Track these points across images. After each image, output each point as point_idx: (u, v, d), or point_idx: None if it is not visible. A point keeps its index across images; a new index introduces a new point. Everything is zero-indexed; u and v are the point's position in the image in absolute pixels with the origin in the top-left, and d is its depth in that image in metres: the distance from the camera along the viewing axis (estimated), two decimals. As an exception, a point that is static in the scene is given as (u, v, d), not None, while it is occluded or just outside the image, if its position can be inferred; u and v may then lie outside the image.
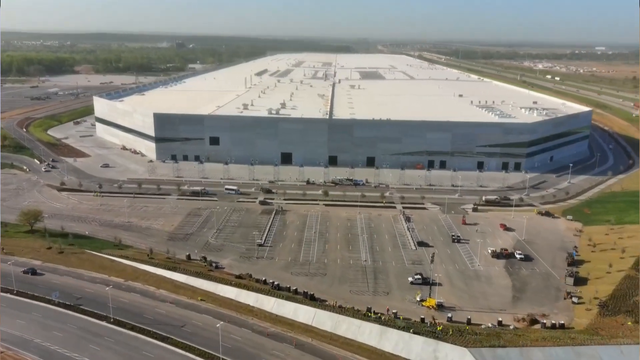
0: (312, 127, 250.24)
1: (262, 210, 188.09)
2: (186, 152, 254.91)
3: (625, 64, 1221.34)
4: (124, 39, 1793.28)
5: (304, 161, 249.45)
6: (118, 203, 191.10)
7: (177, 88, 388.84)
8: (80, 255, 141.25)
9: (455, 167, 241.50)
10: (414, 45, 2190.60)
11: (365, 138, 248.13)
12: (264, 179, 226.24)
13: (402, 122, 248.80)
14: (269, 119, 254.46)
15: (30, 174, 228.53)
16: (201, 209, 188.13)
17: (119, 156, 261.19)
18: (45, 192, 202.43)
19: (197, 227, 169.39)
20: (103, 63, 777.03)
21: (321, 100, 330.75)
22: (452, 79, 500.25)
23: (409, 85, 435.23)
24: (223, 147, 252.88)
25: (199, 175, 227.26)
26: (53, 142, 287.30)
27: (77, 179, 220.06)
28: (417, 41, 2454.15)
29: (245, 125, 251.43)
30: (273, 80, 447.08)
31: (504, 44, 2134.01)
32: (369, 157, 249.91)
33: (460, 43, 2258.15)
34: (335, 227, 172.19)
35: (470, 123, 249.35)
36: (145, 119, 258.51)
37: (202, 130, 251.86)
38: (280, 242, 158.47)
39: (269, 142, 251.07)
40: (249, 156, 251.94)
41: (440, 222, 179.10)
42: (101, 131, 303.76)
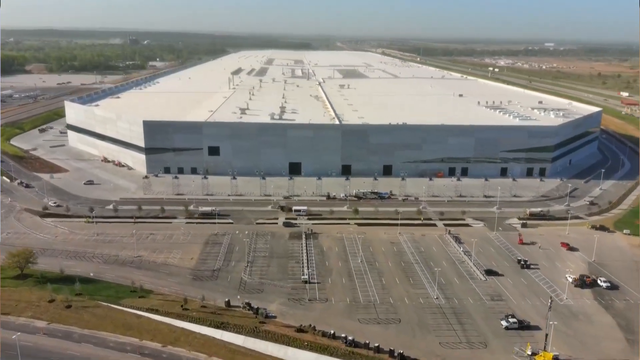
0: (324, 133, 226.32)
1: (290, 234, 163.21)
2: (181, 163, 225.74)
3: (580, 60, 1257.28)
4: (71, 36, 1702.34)
5: (315, 171, 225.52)
6: (117, 231, 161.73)
7: (152, 89, 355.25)
8: (95, 310, 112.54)
9: (477, 174, 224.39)
10: (372, 42, 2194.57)
11: (382, 145, 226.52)
12: (277, 193, 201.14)
13: (421, 127, 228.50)
14: (275, 126, 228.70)
15: (2, 195, 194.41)
16: (219, 234, 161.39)
17: (102, 170, 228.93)
18: (25, 220, 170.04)
19: (223, 260, 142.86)
20: (57, 61, 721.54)
21: (318, 103, 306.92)
22: (437, 77, 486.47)
23: (399, 85, 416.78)
24: (224, 158, 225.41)
25: (203, 191, 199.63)
26: (20, 154, 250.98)
27: (60, 201, 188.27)
28: (374, 38, 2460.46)
29: (248, 133, 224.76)
30: (254, 80, 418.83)
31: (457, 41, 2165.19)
32: (385, 166, 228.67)
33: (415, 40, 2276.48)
34: (381, 253, 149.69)
35: (494, 127, 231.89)
36: (132, 127, 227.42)
37: (199, 139, 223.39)
38: (328, 277, 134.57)
39: (275, 151, 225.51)
40: (253, 167, 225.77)
41: (493, 241, 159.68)
42: (75, 140, 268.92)
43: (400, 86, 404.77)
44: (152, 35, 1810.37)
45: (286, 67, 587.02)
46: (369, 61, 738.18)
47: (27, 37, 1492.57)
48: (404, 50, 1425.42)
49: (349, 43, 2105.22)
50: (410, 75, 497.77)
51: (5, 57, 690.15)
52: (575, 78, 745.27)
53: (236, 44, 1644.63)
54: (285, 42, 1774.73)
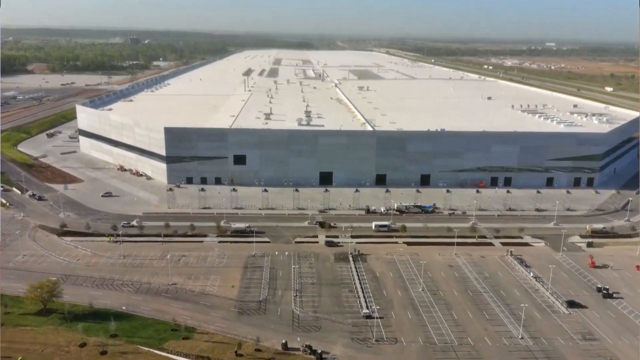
0: (357, 141, 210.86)
1: (335, 256, 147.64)
2: (205, 173, 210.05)
3: (585, 60, 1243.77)
4: (70, 35, 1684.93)
5: (347, 181, 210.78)
6: (145, 252, 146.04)
7: (164, 92, 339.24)
8: (135, 358, 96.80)
9: (521, 185, 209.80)
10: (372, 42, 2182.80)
11: (419, 153, 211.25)
12: (311, 207, 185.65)
13: (462, 134, 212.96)
14: (305, 133, 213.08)
15: (13, 209, 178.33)
16: (257, 256, 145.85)
17: (120, 180, 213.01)
18: (41, 239, 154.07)
19: (268, 288, 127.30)
20: (59, 61, 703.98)
21: (341, 106, 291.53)
22: (455, 78, 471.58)
23: (419, 86, 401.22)
24: (250, 167, 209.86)
25: (231, 204, 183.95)
26: (30, 162, 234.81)
27: (78, 216, 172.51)
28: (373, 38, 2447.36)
29: (276, 141, 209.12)
30: (268, 82, 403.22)
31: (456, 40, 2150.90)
32: (423, 175, 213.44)
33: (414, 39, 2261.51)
34: (442, 279, 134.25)
35: (540, 134, 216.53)
36: (151, 133, 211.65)
37: (224, 147, 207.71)
38: (390, 309, 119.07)
39: (305, 159, 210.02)
40: (281, 177, 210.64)
41: (562, 264, 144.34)
42: (87, 147, 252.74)
43: (420, 88, 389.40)
44: (151, 34, 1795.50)
45: (296, 68, 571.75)
46: (378, 61, 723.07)
47: (25, 36, 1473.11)
48: (406, 50, 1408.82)
49: (350, 42, 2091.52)
50: (427, 77, 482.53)
51: (6, 56, 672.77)
52: (588, 79, 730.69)
53: (236, 43, 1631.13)
54: (286, 42, 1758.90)
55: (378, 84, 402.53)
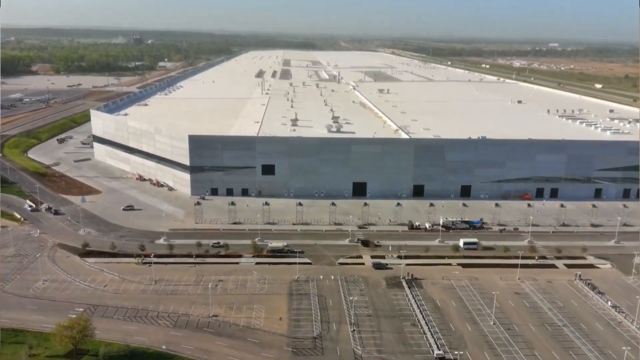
0: (393, 149, 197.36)
1: (386, 280, 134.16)
2: (231, 184, 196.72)
3: (592, 61, 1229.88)
4: (71, 35, 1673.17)
5: (382, 192, 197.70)
6: (178, 276, 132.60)
7: (178, 95, 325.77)
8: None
9: (568, 196, 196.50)
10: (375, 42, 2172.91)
11: (460, 162, 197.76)
12: (347, 221, 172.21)
13: (505, 142, 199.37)
14: (338, 141, 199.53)
15: (29, 225, 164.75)
16: (300, 281, 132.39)
17: (140, 191, 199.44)
18: (62, 261, 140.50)
19: (320, 322, 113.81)
20: (64, 62, 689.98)
21: (366, 110, 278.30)
22: (474, 80, 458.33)
23: (441, 89, 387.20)
24: (279, 178, 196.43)
25: (263, 219, 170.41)
26: (42, 170, 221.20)
27: (100, 233, 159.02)
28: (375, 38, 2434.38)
29: (307, 149, 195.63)
30: (283, 84, 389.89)
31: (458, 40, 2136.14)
32: (463, 186, 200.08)
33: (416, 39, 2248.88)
34: (513, 310, 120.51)
35: (588, 142, 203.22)
36: (174, 142, 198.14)
37: (252, 156, 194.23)
38: (463, 348, 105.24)
39: (338, 169, 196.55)
40: (312, 188, 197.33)
41: (638, 291, 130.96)
42: (102, 154, 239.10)
43: (442, 90, 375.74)
44: (153, 34, 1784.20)
45: (307, 69, 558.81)
46: (388, 62, 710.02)
47: (27, 36, 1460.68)
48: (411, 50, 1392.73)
49: (352, 43, 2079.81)
50: (444, 78, 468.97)
51: (9, 57, 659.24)
52: (601, 80, 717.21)
53: (238, 43, 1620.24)
54: (288, 42, 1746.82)
55: (396, 86, 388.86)
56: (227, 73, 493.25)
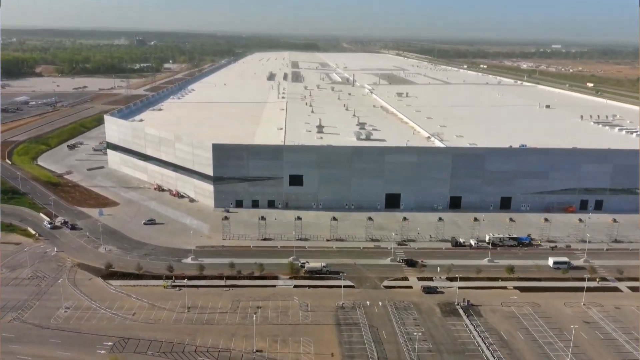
0: (430, 158, 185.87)
1: (440, 307, 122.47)
2: (256, 195, 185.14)
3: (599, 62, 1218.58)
4: (73, 36, 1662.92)
5: (417, 204, 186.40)
6: (212, 302, 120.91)
7: (191, 99, 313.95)
8: None
9: (613, 209, 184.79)
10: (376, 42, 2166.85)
11: (500, 172, 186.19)
12: (385, 237, 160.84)
13: (548, 151, 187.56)
14: (371, 150, 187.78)
15: (44, 242, 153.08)
16: (346, 308, 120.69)
17: (159, 203, 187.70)
18: (84, 284, 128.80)
19: (377, 358, 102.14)
20: (68, 63, 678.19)
21: (389, 115, 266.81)
22: (492, 83, 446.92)
23: (460, 92, 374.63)
24: (307, 189, 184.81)
25: (294, 234, 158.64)
26: (54, 179, 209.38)
27: (122, 251, 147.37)
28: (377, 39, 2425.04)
29: (338, 159, 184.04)
30: (297, 87, 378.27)
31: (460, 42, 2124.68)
32: (503, 198, 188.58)
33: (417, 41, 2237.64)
34: (588, 343, 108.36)
35: (635, 151, 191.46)
36: (196, 150, 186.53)
37: (279, 166, 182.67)
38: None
39: (370, 180, 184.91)
40: (342, 200, 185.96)
41: None
42: (117, 162, 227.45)
43: (462, 94, 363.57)
44: (155, 35, 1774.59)
45: (317, 72, 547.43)
46: (397, 64, 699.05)
47: (28, 37, 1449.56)
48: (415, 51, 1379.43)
49: (355, 44, 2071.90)
50: (461, 81, 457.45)
51: (13, 58, 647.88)
52: (614, 83, 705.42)
53: (241, 44, 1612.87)
54: (291, 43, 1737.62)
55: (414, 89, 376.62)
56: (237, 75, 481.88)
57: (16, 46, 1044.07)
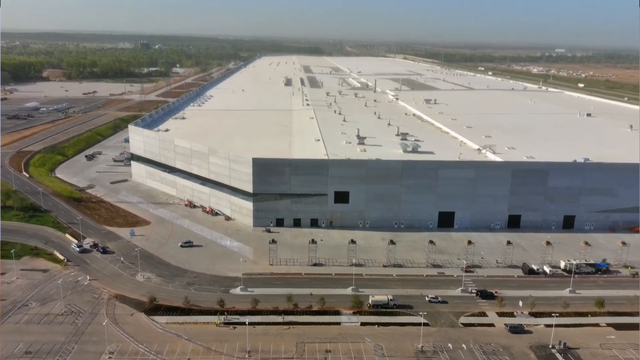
0: (487, 174, 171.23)
1: (533, 351, 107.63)
2: (299, 214, 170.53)
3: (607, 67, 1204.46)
4: (76, 39, 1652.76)
5: (472, 224, 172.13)
6: (274, 344, 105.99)
7: (212, 106, 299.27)
8: None
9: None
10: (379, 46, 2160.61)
11: (564, 189, 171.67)
12: (447, 262, 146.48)
13: (616, 166, 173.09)
14: (424, 164, 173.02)
15: (73, 268, 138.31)
16: (427, 353, 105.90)
17: (193, 221, 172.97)
18: (125, 320, 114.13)
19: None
20: (76, 68, 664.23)
21: (423, 124, 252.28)
22: (518, 88, 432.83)
23: (489, 99, 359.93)
24: (353, 206, 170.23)
25: (348, 259, 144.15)
26: (76, 194, 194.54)
27: (162, 279, 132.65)
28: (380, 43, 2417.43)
29: (388, 174, 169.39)
30: (318, 94, 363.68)
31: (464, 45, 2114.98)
32: (566, 216, 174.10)
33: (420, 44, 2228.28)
34: None
35: None
36: (233, 165, 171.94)
37: (324, 181, 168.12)
38: None
39: (422, 197, 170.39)
40: (391, 218, 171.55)
41: None
42: (141, 175, 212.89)
43: (493, 101, 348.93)
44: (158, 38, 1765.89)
45: (331, 76, 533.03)
46: (411, 69, 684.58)
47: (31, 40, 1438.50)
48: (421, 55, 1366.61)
49: (359, 48, 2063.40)
50: (484, 87, 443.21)
51: (19, 62, 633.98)
52: (631, 88, 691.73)
53: (245, 48, 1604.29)
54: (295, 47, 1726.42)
55: (439, 95, 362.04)
56: (252, 80, 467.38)
57: (20, 49, 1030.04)
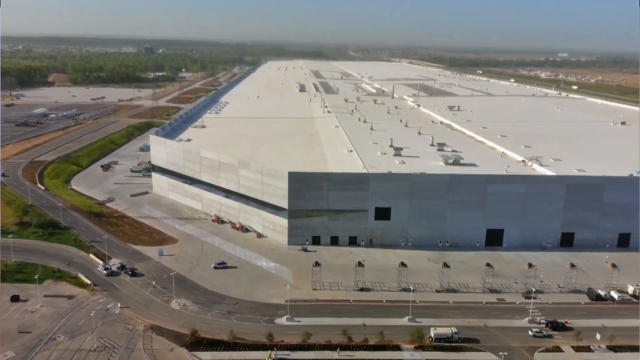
0: (540, 189, 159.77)
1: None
2: (336, 231, 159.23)
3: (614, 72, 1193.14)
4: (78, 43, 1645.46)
5: (522, 242, 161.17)
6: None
7: (230, 113, 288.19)
8: None
9: None
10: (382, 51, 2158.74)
11: (620, 205, 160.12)
12: (503, 286, 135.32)
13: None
14: (473, 178, 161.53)
15: (101, 293, 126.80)
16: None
17: (223, 238, 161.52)
18: (164, 357, 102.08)
19: None
20: (82, 72, 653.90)
21: (454, 133, 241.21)
22: (539, 95, 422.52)
23: (512, 105, 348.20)
24: (395, 224, 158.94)
25: (398, 283, 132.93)
26: (96, 209, 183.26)
27: (199, 307, 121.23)
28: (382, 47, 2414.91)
29: (433, 188, 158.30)
30: (336, 100, 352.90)
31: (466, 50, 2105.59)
32: (621, 234, 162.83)
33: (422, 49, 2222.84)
34: None
35: None
36: (266, 179, 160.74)
37: (364, 197, 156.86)
38: None
39: (469, 213, 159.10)
40: (435, 236, 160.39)
41: None
42: (162, 187, 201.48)
43: (518, 108, 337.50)
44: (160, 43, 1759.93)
45: (343, 82, 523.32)
46: (422, 74, 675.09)
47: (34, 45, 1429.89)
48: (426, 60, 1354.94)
49: (362, 52, 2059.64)
50: (504, 92, 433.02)
51: (25, 67, 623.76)
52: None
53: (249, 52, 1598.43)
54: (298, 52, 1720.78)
55: (460, 102, 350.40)
56: (264, 86, 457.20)
57: (23, 54, 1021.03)
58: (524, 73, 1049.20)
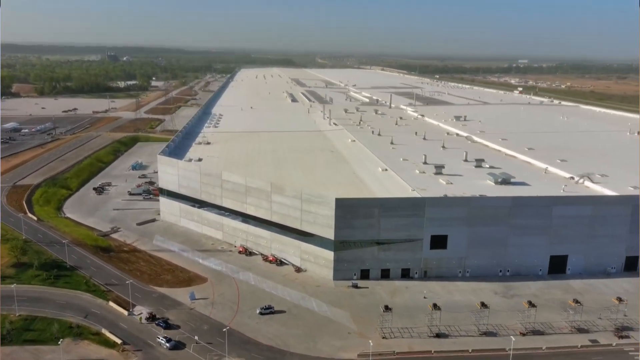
0: (606, 211, 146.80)
1: None
2: (388, 263, 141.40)
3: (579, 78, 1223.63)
4: (36, 51, 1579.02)
5: (586, 268, 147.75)
6: None
7: (231, 127, 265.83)
8: None
9: None
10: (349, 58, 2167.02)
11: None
12: (589, 324, 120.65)
13: None
14: (536, 201, 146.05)
15: (134, 354, 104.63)
16: None
17: (258, 274, 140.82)
18: None
19: None
20: (48, 82, 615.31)
21: (477, 146, 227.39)
22: (534, 103, 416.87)
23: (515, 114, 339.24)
24: (452, 252, 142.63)
25: (477, 326, 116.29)
26: (101, 242, 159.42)
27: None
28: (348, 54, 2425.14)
29: (494, 213, 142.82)
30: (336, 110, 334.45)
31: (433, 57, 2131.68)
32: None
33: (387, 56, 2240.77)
34: None
35: None
36: (306, 205, 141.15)
37: (419, 224, 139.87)
38: None
39: (532, 239, 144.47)
40: (495, 265, 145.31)
41: None
42: (173, 213, 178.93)
43: (522, 117, 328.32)
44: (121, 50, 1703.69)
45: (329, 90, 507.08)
46: (404, 82, 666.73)
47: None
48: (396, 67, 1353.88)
49: (329, 59, 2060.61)
50: (498, 101, 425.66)
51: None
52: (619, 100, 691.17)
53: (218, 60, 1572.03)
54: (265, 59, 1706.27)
55: (458, 111, 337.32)
56: (253, 95, 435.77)
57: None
58: (493, 80, 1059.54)
